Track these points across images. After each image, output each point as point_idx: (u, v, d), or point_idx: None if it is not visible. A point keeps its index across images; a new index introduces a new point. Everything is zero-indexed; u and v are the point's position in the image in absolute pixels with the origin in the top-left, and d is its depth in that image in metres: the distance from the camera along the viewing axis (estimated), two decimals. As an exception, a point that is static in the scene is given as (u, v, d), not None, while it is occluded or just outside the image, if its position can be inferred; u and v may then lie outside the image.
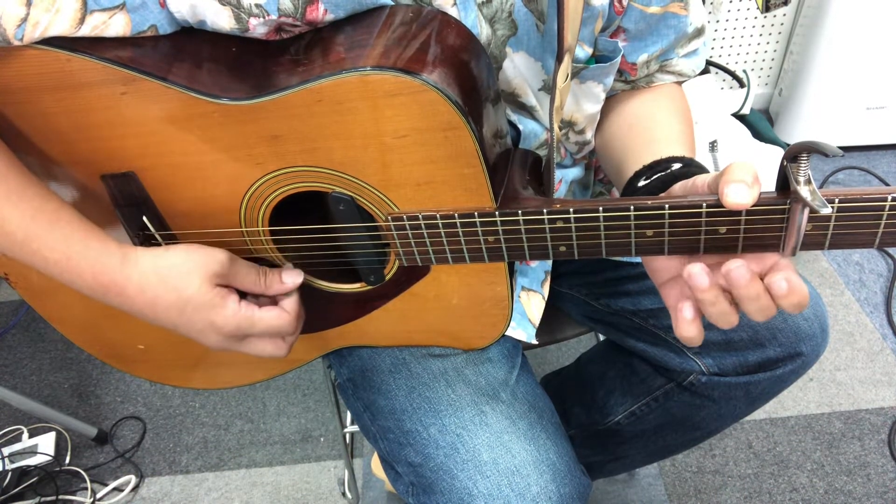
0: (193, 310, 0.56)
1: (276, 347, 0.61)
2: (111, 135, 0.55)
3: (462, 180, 0.53)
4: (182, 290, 0.55)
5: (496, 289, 0.63)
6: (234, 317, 0.57)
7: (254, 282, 0.59)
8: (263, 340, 0.60)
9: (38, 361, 1.65)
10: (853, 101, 1.95)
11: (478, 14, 0.57)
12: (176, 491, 1.37)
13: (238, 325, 0.57)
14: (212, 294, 0.56)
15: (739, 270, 0.47)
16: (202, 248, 0.57)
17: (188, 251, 0.56)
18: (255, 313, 0.58)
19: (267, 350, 0.60)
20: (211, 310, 0.56)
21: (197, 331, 0.57)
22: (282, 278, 0.61)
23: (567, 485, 0.63)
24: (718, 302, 0.49)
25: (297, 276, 0.61)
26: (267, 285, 0.60)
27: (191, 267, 0.55)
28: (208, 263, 0.56)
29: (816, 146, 0.42)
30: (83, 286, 0.55)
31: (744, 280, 0.47)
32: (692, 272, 0.48)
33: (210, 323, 0.57)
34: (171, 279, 0.55)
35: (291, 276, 0.61)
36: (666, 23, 0.68)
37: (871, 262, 1.74)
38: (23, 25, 0.48)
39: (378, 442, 0.72)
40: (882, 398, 1.42)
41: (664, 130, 0.69)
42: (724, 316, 0.50)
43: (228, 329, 0.57)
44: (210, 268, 0.56)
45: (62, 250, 0.53)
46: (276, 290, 0.61)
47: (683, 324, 0.52)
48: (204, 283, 0.55)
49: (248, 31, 0.54)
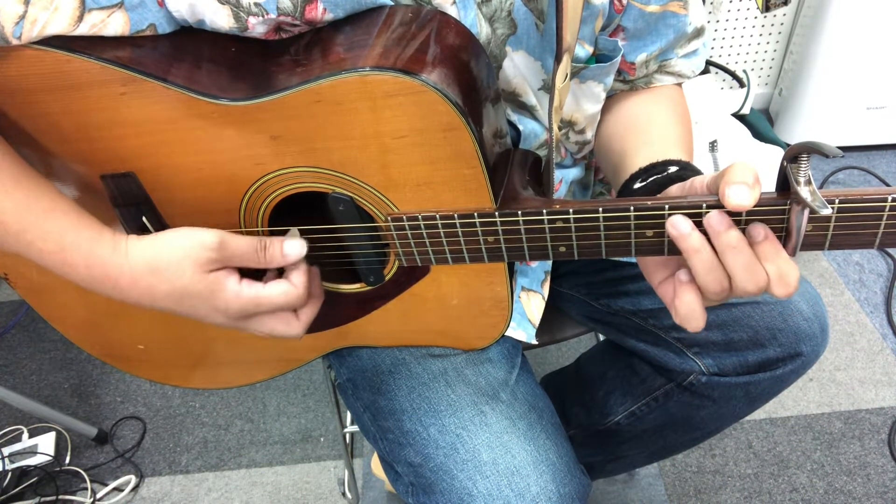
0: (191, 298, 0.54)
1: (288, 325, 0.58)
2: (111, 135, 0.55)
3: (462, 181, 0.53)
4: (175, 281, 0.53)
5: (496, 289, 0.63)
6: (235, 300, 0.54)
7: (252, 258, 0.55)
8: (273, 318, 0.57)
9: (38, 361, 1.65)
10: (853, 101, 1.95)
11: (477, 13, 0.57)
12: (176, 491, 1.37)
13: (242, 307, 0.55)
14: (207, 281, 0.53)
15: (717, 216, 0.47)
16: (191, 232, 0.53)
17: (176, 239, 0.53)
18: (258, 293, 0.55)
19: (278, 329, 0.57)
20: (210, 296, 0.54)
21: (201, 316, 0.55)
22: (283, 250, 0.56)
23: (567, 485, 0.63)
24: (703, 249, 0.48)
25: (301, 246, 0.56)
26: (268, 259, 0.56)
27: (179, 256, 0.52)
28: (197, 251, 0.53)
29: (816, 147, 0.42)
30: (77, 278, 0.53)
31: (722, 226, 0.46)
32: (674, 220, 0.48)
33: (212, 308, 0.54)
34: (162, 270, 0.53)
35: (293, 245, 0.56)
36: (665, 22, 0.68)
37: (871, 262, 1.74)
38: (21, 23, 0.48)
39: (378, 442, 0.72)
40: (882, 398, 1.42)
41: (662, 133, 0.69)
42: (712, 272, 0.48)
43: (232, 312, 0.55)
44: (200, 255, 0.53)
45: (55, 241, 0.52)
46: (278, 263, 0.56)
47: (681, 290, 0.50)
48: (196, 271, 0.53)
49: (247, 30, 0.54)
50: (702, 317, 0.51)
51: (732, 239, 0.47)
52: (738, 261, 0.47)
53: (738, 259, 0.47)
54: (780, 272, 0.47)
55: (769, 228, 0.47)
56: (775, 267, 0.47)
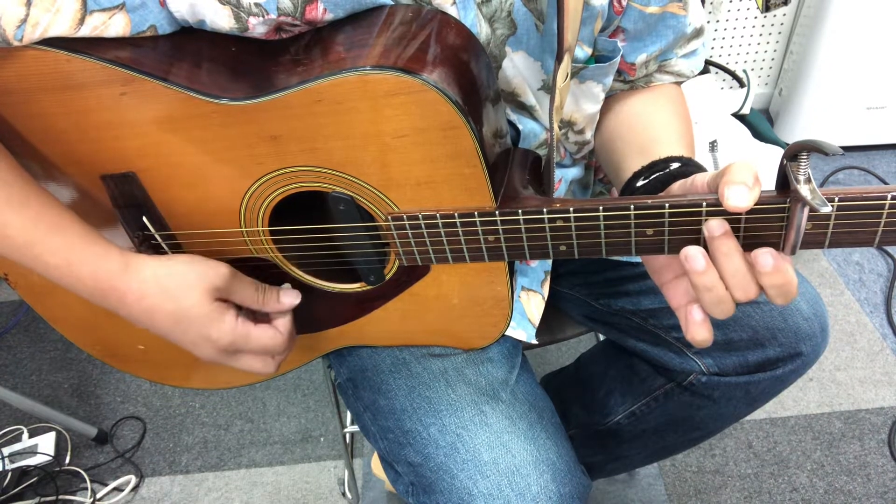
0: (189, 322, 0.56)
1: (265, 365, 0.62)
2: (111, 135, 0.55)
3: (462, 180, 0.53)
4: (181, 301, 0.55)
5: (496, 288, 0.63)
6: (230, 332, 0.57)
7: (252, 298, 0.60)
8: (255, 357, 0.61)
9: (38, 361, 1.65)
10: (853, 101, 1.95)
11: (477, 13, 0.57)
12: (176, 491, 1.37)
13: (233, 340, 0.58)
14: (210, 308, 0.56)
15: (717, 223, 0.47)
16: (205, 260, 0.57)
17: (191, 262, 0.56)
18: (251, 330, 0.58)
19: (255, 366, 0.61)
20: (208, 323, 0.56)
21: (190, 341, 0.58)
22: (280, 298, 0.61)
23: (567, 484, 0.63)
24: (715, 287, 0.48)
25: (295, 298, 0.62)
26: (264, 302, 0.61)
27: (192, 279, 0.56)
28: (210, 277, 0.56)
29: (816, 145, 0.42)
30: (83, 291, 0.55)
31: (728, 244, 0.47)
32: (689, 254, 0.48)
33: (205, 336, 0.57)
34: (171, 289, 0.55)
35: (289, 296, 0.62)
36: (665, 23, 0.68)
37: (871, 262, 1.74)
38: (22, 26, 0.48)
39: (378, 442, 0.72)
40: (882, 398, 1.42)
41: (663, 131, 0.69)
42: (720, 304, 0.49)
43: (223, 343, 0.57)
44: (211, 281, 0.56)
45: (63, 255, 0.53)
46: (272, 308, 0.61)
47: (694, 326, 0.52)
48: (203, 296, 0.56)
49: (248, 30, 0.54)
50: (711, 341, 0.52)
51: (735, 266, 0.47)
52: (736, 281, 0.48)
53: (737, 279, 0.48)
54: (781, 289, 0.48)
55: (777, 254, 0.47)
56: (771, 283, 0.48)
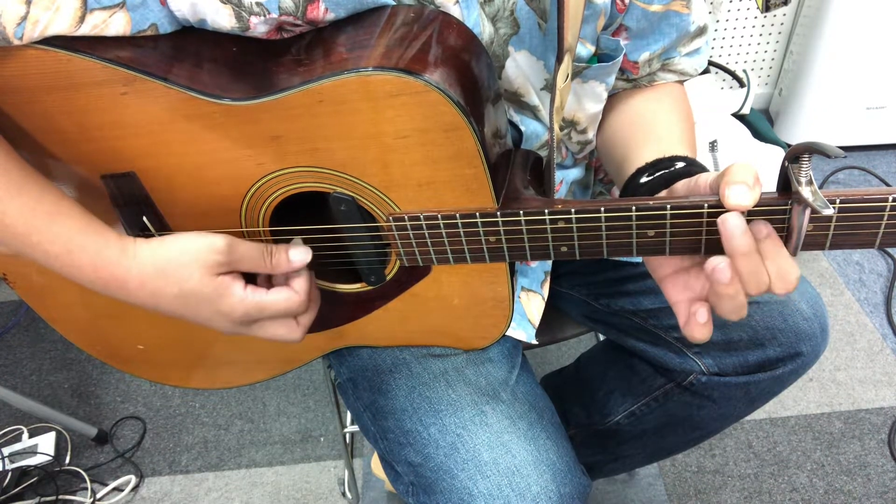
0: (197, 301, 0.55)
1: (289, 330, 0.59)
2: (112, 135, 0.55)
3: (463, 180, 0.53)
4: (183, 283, 0.54)
5: (497, 289, 0.63)
6: (240, 304, 0.55)
7: (259, 263, 0.57)
8: (275, 323, 0.59)
9: (38, 361, 1.65)
10: (853, 101, 1.95)
11: (480, 13, 0.57)
12: (176, 491, 1.37)
13: (246, 311, 0.56)
14: (214, 284, 0.54)
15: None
16: (199, 236, 0.54)
17: (186, 241, 0.54)
18: (263, 298, 0.56)
19: (279, 333, 0.59)
20: (217, 299, 0.55)
21: (205, 319, 0.56)
22: (289, 257, 0.58)
23: (567, 484, 0.63)
24: (738, 294, 0.49)
25: (306, 254, 0.58)
26: (273, 265, 0.58)
27: (189, 259, 0.54)
28: (206, 253, 0.54)
29: (818, 147, 0.42)
30: (84, 280, 0.54)
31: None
32: (716, 266, 0.48)
33: (217, 312, 0.55)
34: (170, 272, 0.54)
35: (299, 253, 0.58)
36: (668, 21, 0.68)
37: (871, 262, 1.74)
38: (23, 24, 0.48)
39: (378, 442, 0.72)
40: (882, 398, 1.42)
41: (667, 129, 0.69)
42: (739, 310, 0.50)
43: (236, 316, 0.56)
44: (209, 258, 0.54)
45: (62, 243, 0.52)
46: (283, 269, 0.58)
47: (696, 327, 0.52)
48: (204, 274, 0.54)
49: (249, 29, 0.53)
50: (709, 337, 0.53)
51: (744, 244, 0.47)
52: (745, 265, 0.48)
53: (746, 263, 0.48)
54: (781, 271, 0.48)
55: (771, 227, 0.47)
56: (776, 266, 0.48)
